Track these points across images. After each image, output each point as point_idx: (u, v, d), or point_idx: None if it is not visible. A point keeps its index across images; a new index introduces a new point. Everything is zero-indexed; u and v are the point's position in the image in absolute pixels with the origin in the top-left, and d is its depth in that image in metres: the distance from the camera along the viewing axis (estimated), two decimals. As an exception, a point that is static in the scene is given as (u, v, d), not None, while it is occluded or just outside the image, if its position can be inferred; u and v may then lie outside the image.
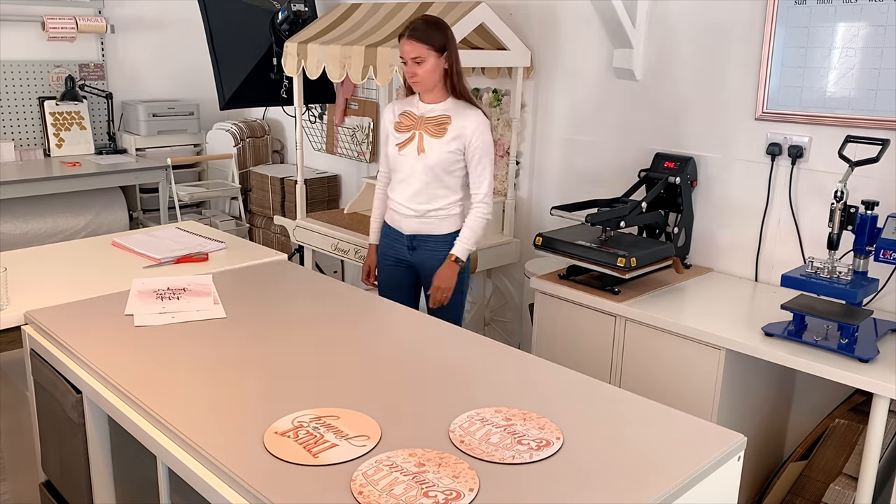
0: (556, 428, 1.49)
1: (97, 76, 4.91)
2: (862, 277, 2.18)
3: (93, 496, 1.86)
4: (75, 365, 1.79)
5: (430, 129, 2.58)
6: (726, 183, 2.85)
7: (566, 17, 3.27)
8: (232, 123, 5.10)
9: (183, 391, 1.62)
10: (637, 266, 2.49)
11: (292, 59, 3.49)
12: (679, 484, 1.31)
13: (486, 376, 1.73)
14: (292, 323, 2.03)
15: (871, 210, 2.17)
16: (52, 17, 4.58)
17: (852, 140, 2.33)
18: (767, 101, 2.68)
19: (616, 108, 3.15)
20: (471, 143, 2.55)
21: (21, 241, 4.29)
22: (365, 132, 4.43)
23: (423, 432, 1.46)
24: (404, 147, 2.62)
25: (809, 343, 2.17)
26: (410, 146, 2.60)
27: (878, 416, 2.04)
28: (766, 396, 2.60)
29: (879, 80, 2.42)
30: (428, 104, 2.61)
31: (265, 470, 1.32)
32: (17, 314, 2.06)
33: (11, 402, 2.32)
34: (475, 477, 1.31)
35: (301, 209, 3.73)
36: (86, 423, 1.80)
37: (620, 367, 2.56)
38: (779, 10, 2.60)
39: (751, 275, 2.82)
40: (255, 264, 2.55)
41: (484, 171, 2.59)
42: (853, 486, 2.28)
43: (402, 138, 2.63)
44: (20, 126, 4.68)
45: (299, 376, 1.70)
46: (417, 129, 2.60)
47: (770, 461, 2.75)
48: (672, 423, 1.53)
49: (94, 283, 2.30)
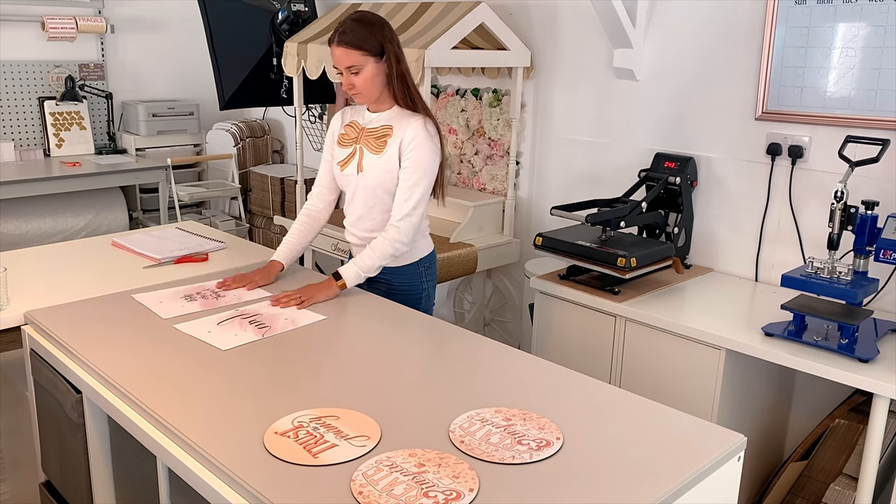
0: (556, 428, 1.49)
1: (97, 76, 4.91)
2: (862, 277, 2.18)
3: (93, 496, 1.86)
4: (75, 365, 1.79)
5: (370, 144, 2.24)
6: (726, 183, 2.85)
7: (566, 17, 3.27)
8: (232, 123, 5.10)
9: (183, 391, 1.62)
10: (637, 266, 2.49)
11: (292, 59, 3.49)
12: (679, 484, 1.31)
13: (486, 376, 1.73)
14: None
15: (871, 210, 2.17)
16: (52, 17, 4.58)
17: (852, 140, 2.33)
18: (767, 101, 2.68)
19: (616, 108, 3.15)
20: (403, 153, 2.19)
21: (21, 241, 4.29)
22: (365, 132, 4.43)
23: (423, 432, 1.46)
24: (345, 166, 2.29)
25: (809, 343, 2.17)
26: (351, 164, 2.28)
27: (878, 416, 2.03)
28: (766, 396, 2.60)
29: (879, 80, 2.42)
30: (372, 114, 2.28)
31: (265, 470, 1.32)
32: (17, 314, 2.06)
33: (11, 402, 2.32)
34: (475, 477, 1.31)
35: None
36: (86, 423, 1.80)
37: (620, 367, 2.56)
38: (779, 10, 2.60)
39: (751, 275, 2.82)
40: (255, 264, 2.55)
41: (413, 189, 2.18)
42: (853, 487, 2.28)
43: (343, 155, 2.30)
44: (20, 126, 4.68)
45: (299, 376, 1.70)
46: (358, 144, 2.27)
47: (770, 461, 2.75)
48: (672, 423, 1.53)
49: (94, 283, 2.30)
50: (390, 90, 2.22)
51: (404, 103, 2.24)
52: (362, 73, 2.15)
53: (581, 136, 3.31)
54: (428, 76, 2.89)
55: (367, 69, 2.15)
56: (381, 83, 2.19)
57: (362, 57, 2.14)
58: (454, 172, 3.84)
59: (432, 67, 2.91)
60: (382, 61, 2.17)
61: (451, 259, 3.06)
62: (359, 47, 2.13)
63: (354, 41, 2.13)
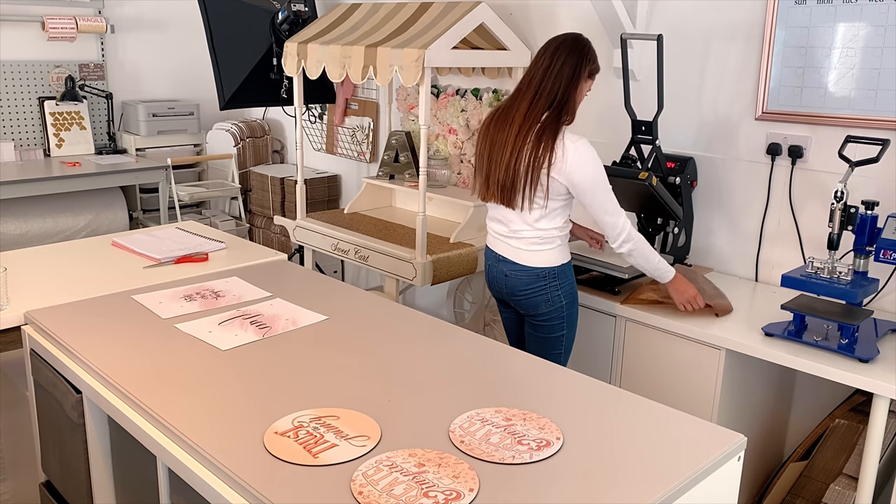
0: (556, 428, 1.49)
1: (97, 76, 4.91)
2: (862, 277, 2.18)
3: (93, 496, 1.86)
4: (75, 365, 1.79)
5: None
6: (726, 183, 2.85)
7: (566, 17, 3.27)
8: (232, 123, 5.10)
9: (183, 391, 1.62)
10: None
11: (292, 59, 3.49)
12: (679, 484, 1.31)
13: (486, 376, 1.73)
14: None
15: (871, 210, 2.17)
16: (52, 17, 4.58)
17: (852, 140, 2.33)
18: (767, 101, 2.68)
19: (616, 107, 3.15)
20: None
21: (21, 241, 4.29)
22: (365, 132, 4.43)
23: (423, 432, 1.46)
24: None
25: (809, 343, 2.17)
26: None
27: (878, 416, 2.04)
28: (766, 396, 2.60)
29: (879, 80, 2.42)
30: None
31: (265, 470, 1.32)
32: (17, 314, 2.06)
33: (11, 402, 2.32)
34: (475, 477, 1.31)
35: (301, 209, 3.73)
36: (86, 423, 1.80)
37: (620, 367, 2.56)
38: (779, 10, 2.60)
39: (751, 275, 2.82)
40: (255, 264, 2.55)
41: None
42: (853, 487, 2.28)
43: None
44: (20, 126, 4.68)
45: (299, 376, 1.70)
46: None
47: (770, 461, 2.75)
48: (672, 423, 1.53)
49: (94, 283, 2.30)
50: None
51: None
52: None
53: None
54: (428, 76, 2.89)
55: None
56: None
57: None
58: (454, 172, 3.84)
59: (432, 67, 2.91)
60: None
61: (451, 259, 3.06)
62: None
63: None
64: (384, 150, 3.84)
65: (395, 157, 3.76)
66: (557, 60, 2.27)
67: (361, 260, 3.31)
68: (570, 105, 2.28)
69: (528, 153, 2.24)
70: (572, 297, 2.39)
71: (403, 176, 3.73)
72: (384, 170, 3.82)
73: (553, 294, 2.35)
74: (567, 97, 2.27)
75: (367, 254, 3.27)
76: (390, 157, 3.79)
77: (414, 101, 3.99)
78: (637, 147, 2.79)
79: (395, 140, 3.78)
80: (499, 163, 2.30)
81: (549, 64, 2.28)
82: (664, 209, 2.65)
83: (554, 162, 2.22)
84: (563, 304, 2.36)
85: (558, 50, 2.28)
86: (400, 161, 3.75)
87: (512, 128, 2.28)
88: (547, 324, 2.38)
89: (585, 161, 2.23)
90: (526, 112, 2.27)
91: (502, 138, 2.30)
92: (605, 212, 2.26)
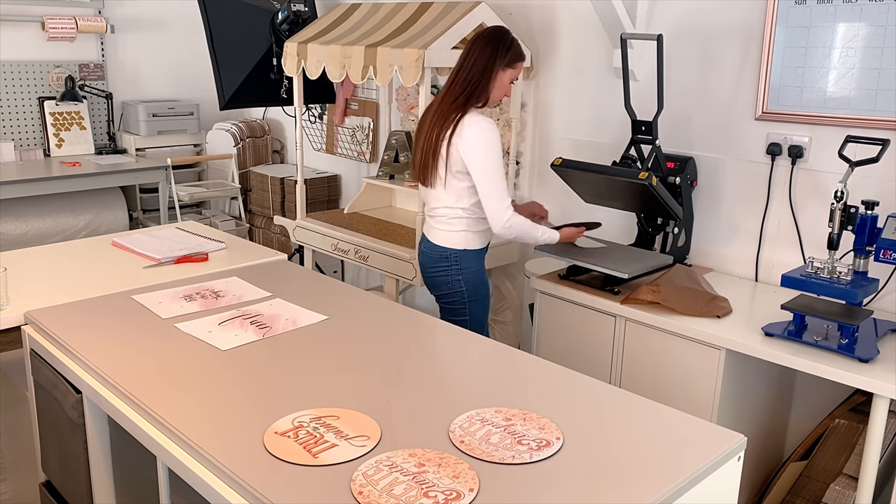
0: (556, 428, 1.49)
1: (97, 76, 4.91)
2: (862, 277, 2.18)
3: (93, 496, 1.86)
4: (75, 365, 1.79)
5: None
6: (726, 183, 2.85)
7: (566, 17, 3.27)
8: (232, 123, 5.10)
9: (183, 391, 1.62)
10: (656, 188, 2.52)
11: (292, 59, 3.49)
12: (679, 484, 1.31)
13: (486, 376, 1.73)
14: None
15: (871, 210, 2.17)
16: (52, 17, 4.58)
17: (852, 140, 2.33)
18: (767, 101, 2.68)
19: (616, 108, 3.15)
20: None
21: (21, 241, 4.29)
22: (365, 132, 4.43)
23: (423, 432, 1.46)
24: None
25: (809, 343, 2.17)
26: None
27: (878, 416, 2.04)
28: (766, 396, 2.60)
29: (879, 80, 2.42)
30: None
31: (265, 470, 1.32)
32: (17, 314, 2.06)
33: (11, 402, 2.32)
34: (475, 477, 1.31)
35: (301, 209, 3.73)
36: (86, 423, 1.80)
37: (620, 367, 2.56)
38: (779, 10, 2.60)
39: (751, 275, 2.82)
40: (255, 264, 2.55)
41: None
42: (853, 487, 2.28)
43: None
44: (20, 126, 4.68)
45: (299, 376, 1.70)
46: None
47: (770, 461, 2.75)
48: (672, 423, 1.53)
49: (94, 283, 2.30)
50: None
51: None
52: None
53: (581, 136, 3.31)
54: (428, 76, 2.90)
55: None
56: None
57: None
58: (454, 172, 3.84)
59: (432, 67, 2.91)
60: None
61: (451, 259, 3.06)
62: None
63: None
64: (384, 150, 3.84)
65: (395, 157, 3.76)
66: (474, 52, 2.46)
67: (361, 260, 3.31)
68: (484, 92, 2.46)
69: (437, 130, 2.45)
70: (475, 286, 2.51)
71: (403, 176, 3.73)
72: (384, 170, 3.82)
73: (454, 278, 2.48)
74: (480, 84, 2.45)
75: (366, 254, 3.27)
76: (390, 157, 3.79)
77: (414, 101, 3.99)
78: (637, 147, 2.79)
79: (395, 140, 3.78)
80: (420, 145, 2.53)
81: (467, 55, 2.46)
82: (664, 209, 2.65)
83: (454, 134, 2.39)
84: (462, 289, 2.49)
85: (475, 42, 2.48)
86: (400, 161, 3.75)
87: (431, 113, 2.50)
88: (448, 306, 2.55)
89: (479, 136, 2.38)
90: (443, 98, 2.48)
91: (424, 124, 2.52)
92: (490, 195, 2.39)
